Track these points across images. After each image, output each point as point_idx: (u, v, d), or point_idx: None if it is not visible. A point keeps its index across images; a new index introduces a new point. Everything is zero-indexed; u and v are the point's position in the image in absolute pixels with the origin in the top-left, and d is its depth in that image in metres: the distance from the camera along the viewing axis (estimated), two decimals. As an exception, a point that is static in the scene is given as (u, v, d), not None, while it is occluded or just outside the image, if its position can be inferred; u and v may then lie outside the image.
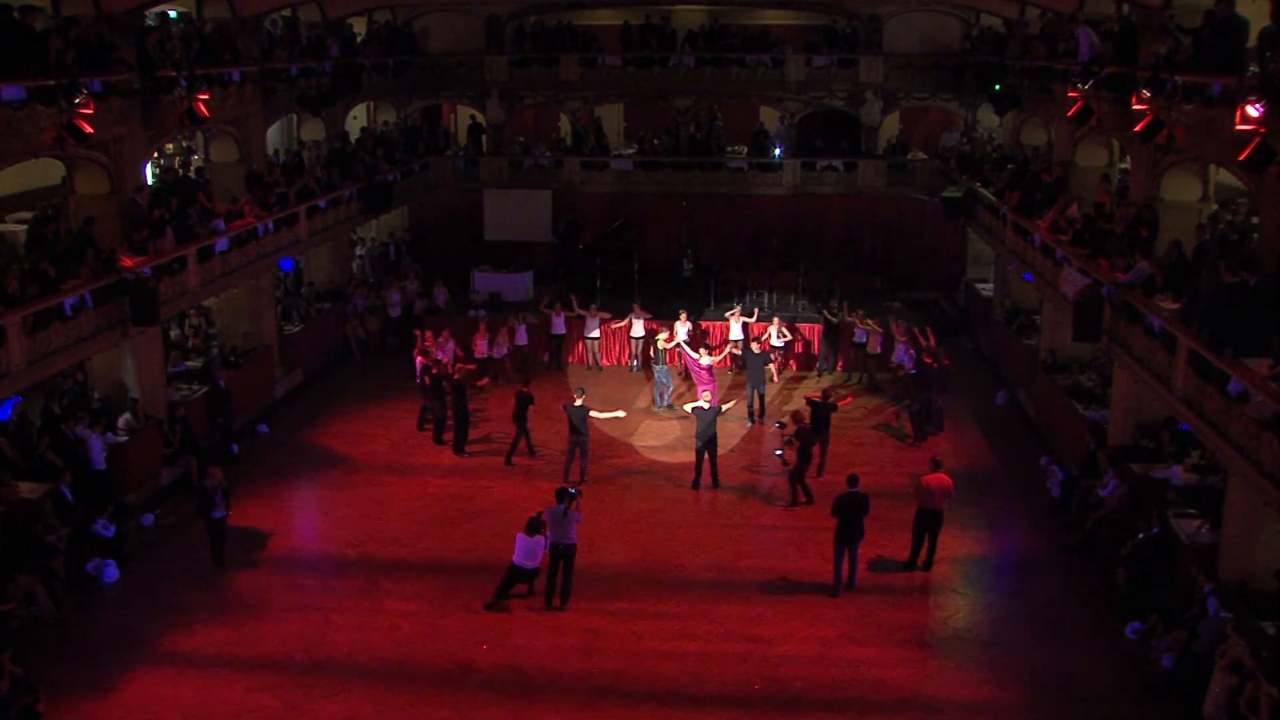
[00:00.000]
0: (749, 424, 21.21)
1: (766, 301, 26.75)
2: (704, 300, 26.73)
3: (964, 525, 16.92)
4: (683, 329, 22.22)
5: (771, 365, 22.85)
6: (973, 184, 26.06)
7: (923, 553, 15.67)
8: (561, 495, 14.52)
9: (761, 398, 21.57)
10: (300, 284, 26.76)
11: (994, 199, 24.15)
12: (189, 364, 21.11)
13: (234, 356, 21.69)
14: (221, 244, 20.23)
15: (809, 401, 19.05)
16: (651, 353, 22.63)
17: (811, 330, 25.07)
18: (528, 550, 14.51)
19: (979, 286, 28.11)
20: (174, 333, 22.04)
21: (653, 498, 18.22)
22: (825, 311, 24.43)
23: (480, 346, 23.37)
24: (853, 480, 14.95)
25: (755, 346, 21.57)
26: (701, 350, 20.64)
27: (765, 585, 15.45)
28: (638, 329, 24.18)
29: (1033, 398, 22.03)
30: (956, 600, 15.06)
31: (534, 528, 14.44)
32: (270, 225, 22.14)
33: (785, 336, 23.75)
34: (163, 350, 19.33)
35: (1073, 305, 17.39)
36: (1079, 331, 17.26)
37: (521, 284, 27.85)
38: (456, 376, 20.01)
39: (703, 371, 20.15)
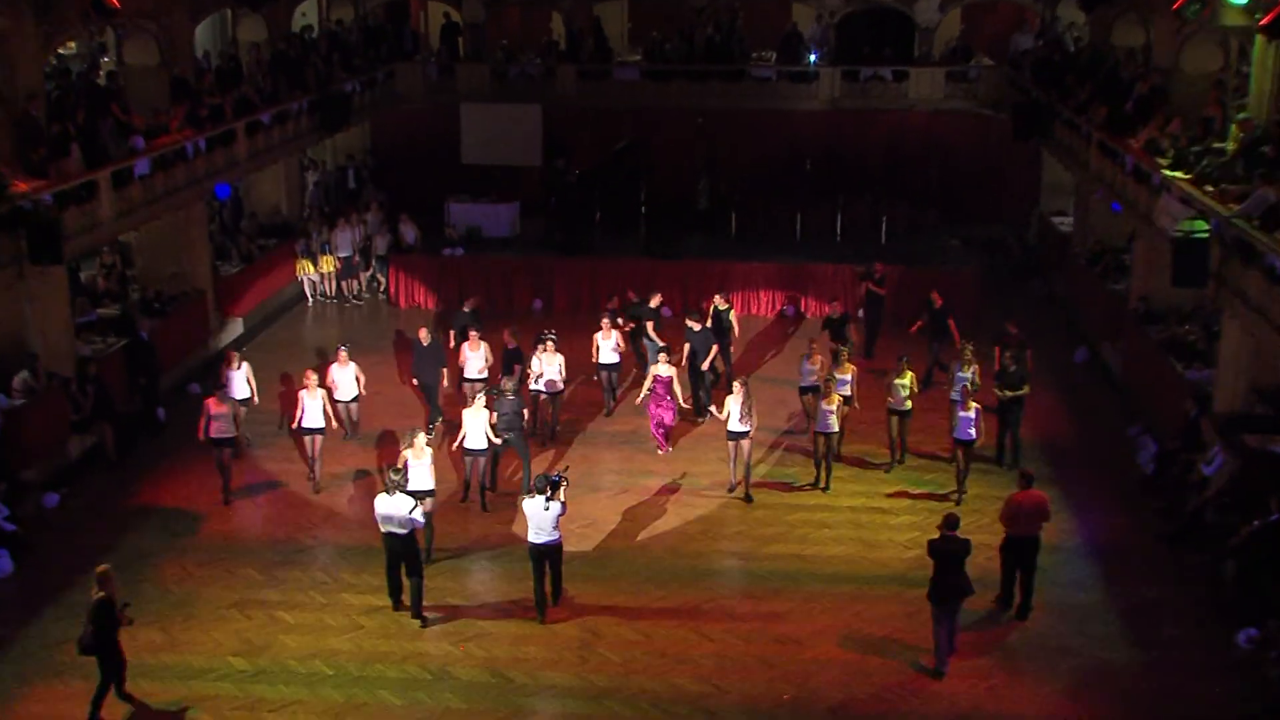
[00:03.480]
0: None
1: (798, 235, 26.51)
2: (723, 237, 26.54)
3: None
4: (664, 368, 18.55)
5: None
6: (1050, 96, 25.79)
7: (1017, 593, 14.49)
8: (542, 484, 13.96)
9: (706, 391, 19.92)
10: (240, 216, 26.63)
11: (1075, 114, 23.93)
12: (102, 312, 20.97)
13: (158, 303, 21.54)
14: (141, 166, 20.01)
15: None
16: (637, 400, 19.29)
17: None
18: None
19: (1055, 221, 28.09)
20: (84, 274, 21.90)
21: (661, 472, 18.16)
22: (870, 282, 22.81)
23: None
24: (950, 522, 13.33)
25: (694, 325, 19.82)
26: (661, 356, 18.50)
27: (795, 576, 15.36)
28: (607, 352, 19.95)
29: (1120, 354, 21.93)
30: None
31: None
32: (202, 144, 21.98)
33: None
34: (69, 295, 19.10)
35: (1172, 242, 17.21)
36: (1179, 274, 17.09)
37: (505, 217, 27.81)
38: None
39: (658, 388, 18.26)
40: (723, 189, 28.64)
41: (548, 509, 13.84)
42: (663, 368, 18.29)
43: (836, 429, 17.37)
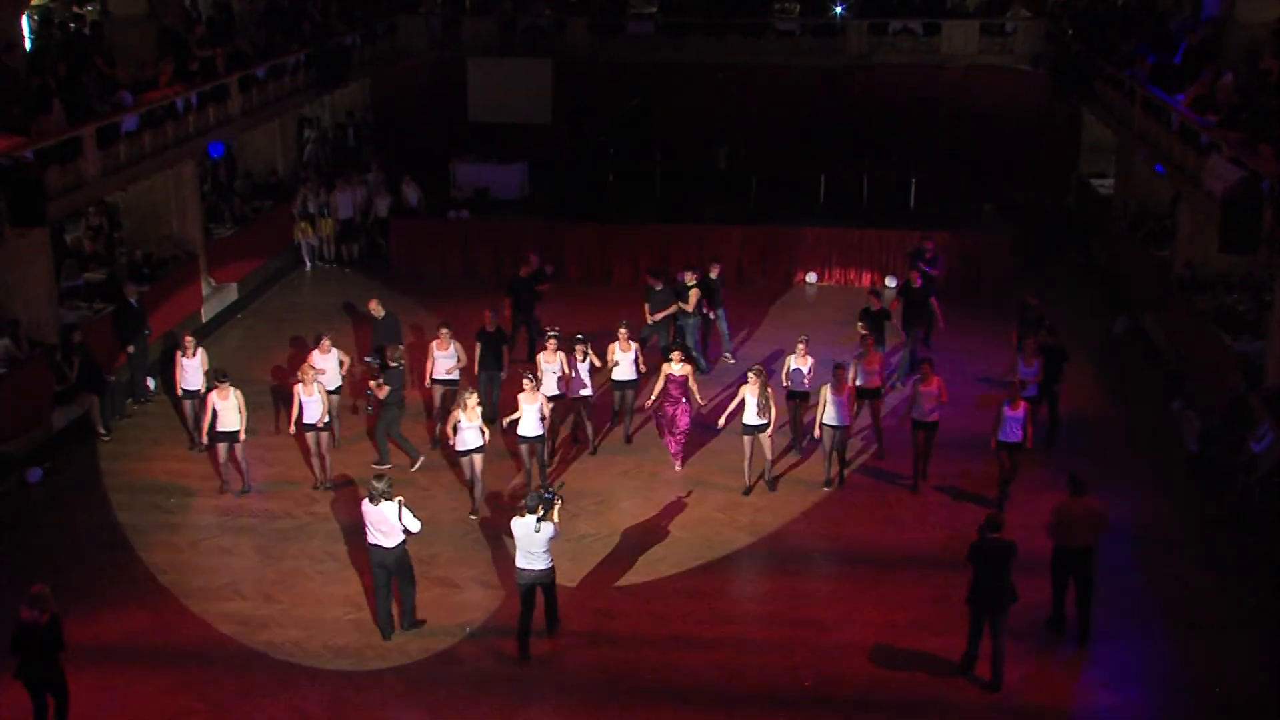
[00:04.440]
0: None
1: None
2: (742, 201, 26.39)
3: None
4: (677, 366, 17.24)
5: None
6: (1092, 50, 25.65)
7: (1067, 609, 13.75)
8: (534, 502, 12.93)
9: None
10: (234, 176, 26.57)
11: (1119, 69, 23.79)
12: (89, 276, 20.93)
13: (147, 267, 21.48)
14: (129, 122, 19.94)
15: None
16: (647, 402, 17.61)
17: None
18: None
19: (1095, 183, 28.07)
20: (68, 237, 21.85)
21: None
22: (921, 262, 21.36)
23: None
24: (993, 523, 12.72)
25: (655, 284, 19.83)
26: (675, 354, 17.17)
27: (817, 558, 15.36)
28: (625, 367, 17.85)
29: (1163, 324, 21.85)
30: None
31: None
32: (193, 100, 21.92)
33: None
34: (52, 259, 19.06)
35: (1221, 205, 17.07)
36: (1228, 239, 16.96)
37: (514, 178, 27.71)
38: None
39: (672, 389, 17.05)
40: (743, 150, 28.54)
41: (539, 530, 12.79)
42: (675, 365, 17.00)
43: (846, 422, 16.45)
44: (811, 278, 25.32)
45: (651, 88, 29.86)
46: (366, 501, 13.19)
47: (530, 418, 16.05)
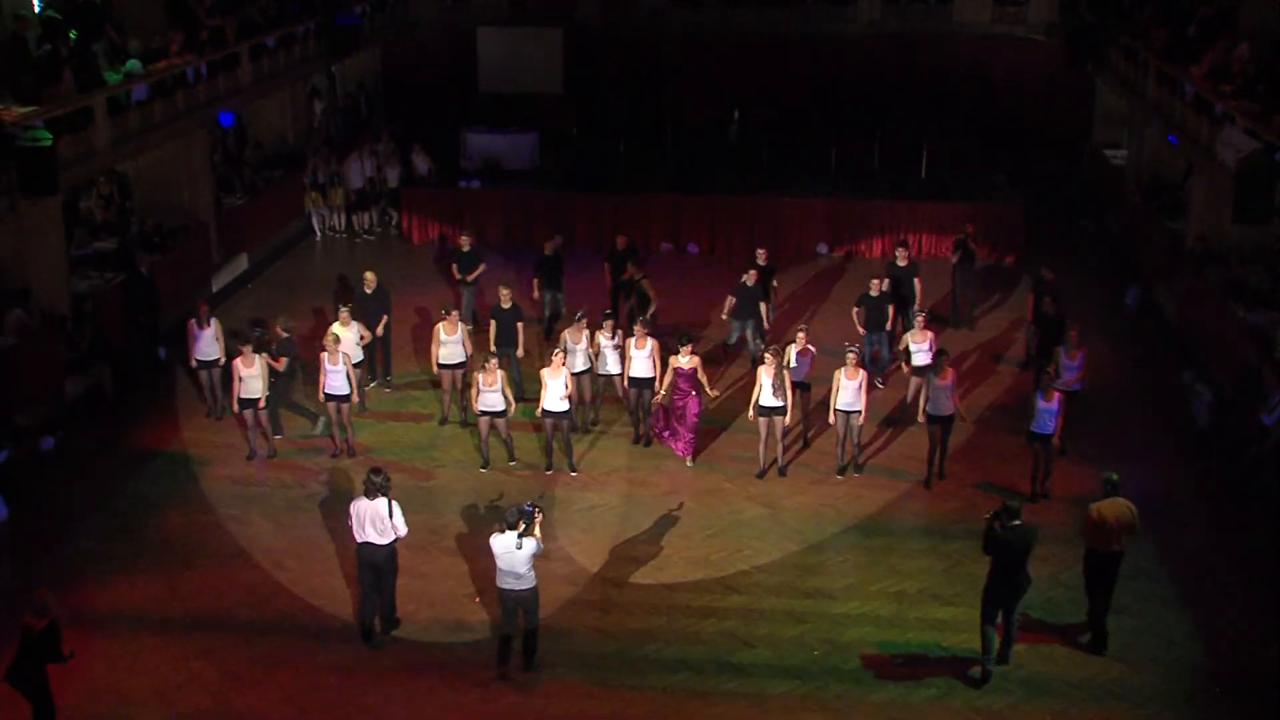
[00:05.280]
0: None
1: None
2: (754, 171, 26.29)
3: (1084, 459, 16.65)
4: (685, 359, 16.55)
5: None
6: (1106, 19, 25.46)
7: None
8: (514, 517, 12.08)
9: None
10: (244, 146, 26.48)
11: (1133, 39, 23.79)
12: (99, 246, 20.93)
13: (158, 237, 21.48)
14: (139, 92, 19.89)
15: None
16: (656, 398, 16.86)
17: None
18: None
19: (1108, 154, 27.89)
20: (80, 206, 21.80)
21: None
22: (968, 242, 21.10)
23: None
24: (1010, 511, 12.23)
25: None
26: (684, 347, 16.35)
27: (825, 527, 15.32)
28: (640, 363, 16.85)
29: (1175, 296, 21.76)
30: (1074, 553, 14.60)
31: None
32: (203, 69, 21.86)
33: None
34: (64, 229, 19.04)
35: (1234, 176, 16.98)
36: (1242, 210, 16.90)
37: (525, 147, 27.60)
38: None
39: (680, 383, 16.48)
40: (755, 120, 28.34)
41: (520, 548, 11.99)
42: (683, 358, 16.31)
43: (859, 406, 15.96)
44: (822, 248, 25.21)
45: (662, 59, 29.75)
46: (361, 499, 12.66)
47: (553, 393, 15.89)
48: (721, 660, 12.83)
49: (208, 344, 17.52)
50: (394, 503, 12.68)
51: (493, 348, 17.67)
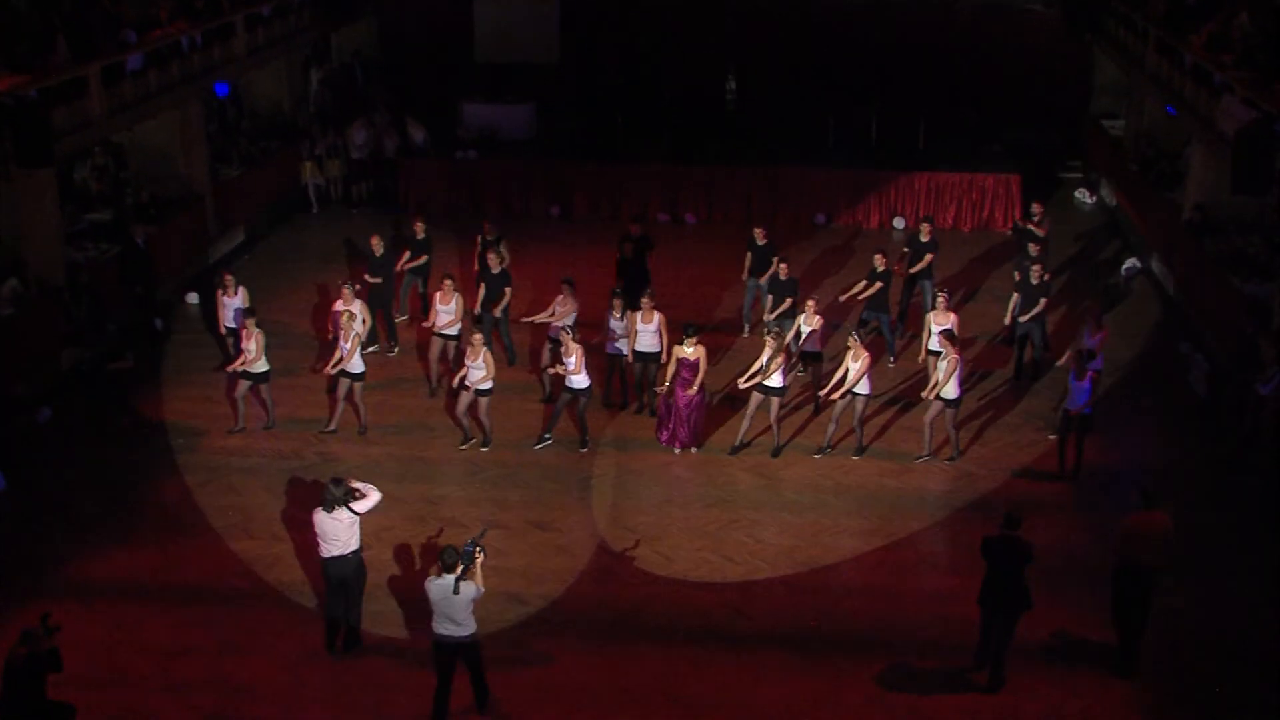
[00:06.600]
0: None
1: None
2: (750, 141, 26.17)
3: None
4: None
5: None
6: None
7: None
8: (451, 559, 10.92)
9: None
10: (240, 116, 26.41)
11: (1131, 8, 23.88)
12: (95, 217, 20.91)
13: (154, 208, 21.44)
14: (134, 61, 19.82)
15: None
16: (660, 388, 16.58)
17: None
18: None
19: (1106, 124, 27.79)
20: (75, 177, 21.74)
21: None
22: (1030, 223, 20.14)
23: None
24: (1011, 520, 11.90)
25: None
26: (690, 339, 15.85)
27: (824, 497, 15.33)
28: (646, 338, 16.62)
29: (1172, 267, 21.73)
30: (1073, 522, 14.83)
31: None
32: (198, 39, 21.79)
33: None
34: (59, 199, 18.96)
35: (1232, 146, 16.95)
36: (1240, 180, 16.84)
37: (522, 118, 27.53)
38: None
39: (684, 372, 15.99)
40: (752, 90, 28.20)
41: (458, 592, 10.82)
42: (688, 348, 15.81)
43: (868, 391, 15.75)
44: (820, 219, 25.11)
45: (657, 25, 29.52)
46: (319, 511, 11.92)
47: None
48: (718, 631, 12.84)
49: (234, 312, 17.48)
50: (356, 515, 11.98)
51: (478, 309, 17.87)
